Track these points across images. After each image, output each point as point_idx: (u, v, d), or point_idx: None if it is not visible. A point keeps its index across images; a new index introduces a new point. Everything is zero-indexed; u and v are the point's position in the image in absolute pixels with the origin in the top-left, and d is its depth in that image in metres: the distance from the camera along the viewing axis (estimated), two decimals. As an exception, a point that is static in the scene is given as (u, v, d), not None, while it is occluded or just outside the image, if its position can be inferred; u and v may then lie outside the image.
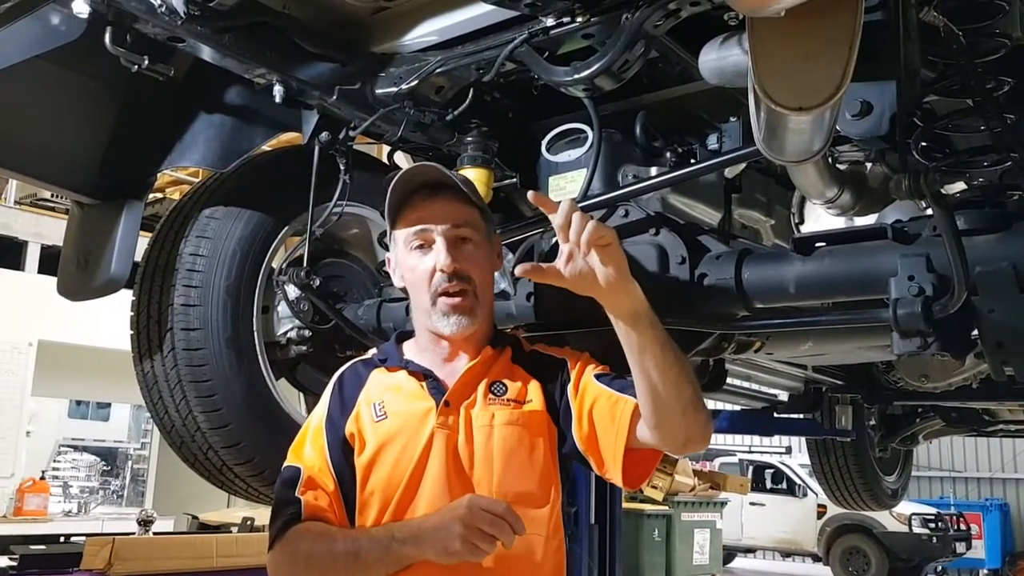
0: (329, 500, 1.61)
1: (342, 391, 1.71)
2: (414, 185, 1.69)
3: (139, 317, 2.34)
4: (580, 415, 1.64)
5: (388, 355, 1.75)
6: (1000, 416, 4.76)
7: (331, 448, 1.64)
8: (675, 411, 1.51)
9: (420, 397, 1.65)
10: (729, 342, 2.28)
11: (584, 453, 1.64)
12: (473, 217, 1.71)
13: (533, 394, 1.67)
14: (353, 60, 2.22)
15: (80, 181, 2.33)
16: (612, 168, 2.24)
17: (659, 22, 1.84)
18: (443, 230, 1.66)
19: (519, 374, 1.70)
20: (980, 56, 1.64)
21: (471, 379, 1.67)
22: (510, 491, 1.58)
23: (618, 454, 1.59)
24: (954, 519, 13.75)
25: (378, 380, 1.71)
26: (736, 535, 14.00)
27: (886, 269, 1.72)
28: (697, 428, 1.55)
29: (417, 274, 1.68)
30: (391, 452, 1.61)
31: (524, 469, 1.61)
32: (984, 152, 1.79)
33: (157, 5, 1.87)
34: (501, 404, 1.65)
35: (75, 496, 12.11)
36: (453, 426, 1.61)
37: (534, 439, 1.64)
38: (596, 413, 1.63)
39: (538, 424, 1.65)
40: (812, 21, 1.25)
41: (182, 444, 2.37)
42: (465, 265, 1.65)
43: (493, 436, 1.61)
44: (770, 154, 1.58)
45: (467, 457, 1.60)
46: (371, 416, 1.65)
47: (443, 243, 1.65)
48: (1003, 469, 16.92)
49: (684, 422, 1.53)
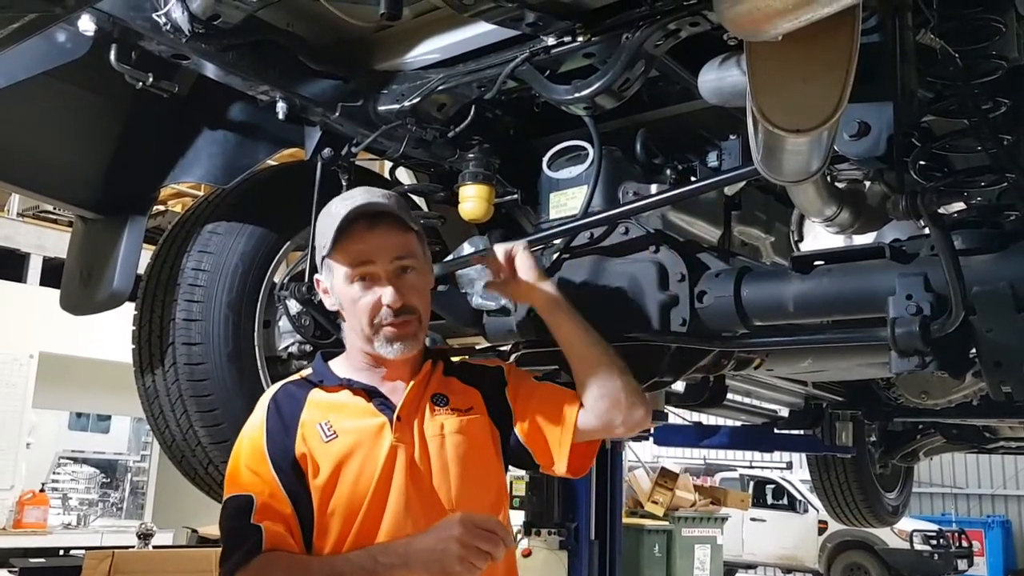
0: (287, 526, 1.55)
1: (280, 412, 1.65)
2: (353, 214, 1.66)
3: (141, 331, 2.35)
4: (523, 411, 1.73)
5: (322, 375, 1.72)
6: (1001, 433, 4.76)
7: (280, 471, 1.58)
8: (611, 382, 1.72)
9: (369, 414, 1.65)
10: (729, 359, 2.29)
11: (526, 445, 1.72)
12: (413, 244, 1.70)
13: (473, 401, 1.73)
14: (356, 77, 2.24)
15: (84, 196, 2.34)
16: (613, 185, 2.26)
17: (659, 42, 1.86)
18: (386, 264, 1.65)
19: (456, 385, 1.75)
20: (977, 77, 1.65)
21: (416, 393, 1.69)
22: (467, 497, 1.62)
23: (565, 442, 1.70)
24: (956, 536, 13.69)
25: (318, 400, 1.67)
26: (737, 551, 13.94)
27: (884, 288, 1.73)
28: (636, 396, 1.74)
29: (359, 306, 1.66)
30: (350, 471, 1.59)
31: (478, 475, 1.66)
32: (981, 172, 1.81)
33: (162, 23, 1.89)
34: (447, 413, 1.69)
35: (74, 508, 12.07)
36: (408, 439, 1.63)
37: (482, 444, 1.70)
38: (538, 407, 1.72)
39: (482, 429, 1.70)
40: (809, 44, 1.27)
41: (182, 458, 2.37)
42: (410, 297, 1.66)
43: (445, 444, 1.65)
44: (768, 174, 1.60)
45: (424, 468, 1.62)
46: (320, 436, 1.61)
47: (387, 280, 1.64)
48: (1005, 486, 16.87)
49: (622, 394, 1.72)
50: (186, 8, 1.88)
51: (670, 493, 9.75)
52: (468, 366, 1.84)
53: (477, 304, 2.17)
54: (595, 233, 2.20)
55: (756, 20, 1.19)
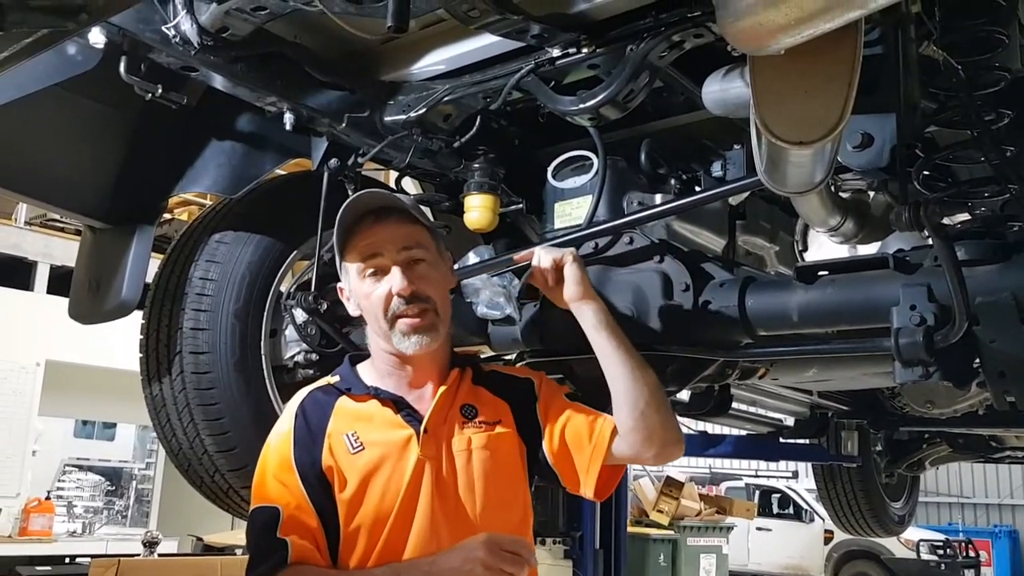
0: (314, 539, 1.55)
1: (307, 422, 1.63)
2: (360, 212, 1.67)
3: (148, 340, 2.36)
4: (553, 431, 1.68)
5: (350, 383, 1.70)
6: (1007, 442, 4.75)
7: (307, 483, 1.57)
8: (649, 409, 1.64)
9: (396, 425, 1.63)
10: (733, 368, 2.30)
11: (553, 467, 1.68)
12: (423, 237, 1.70)
13: (502, 415, 1.69)
14: (362, 88, 2.26)
15: (93, 206, 2.36)
16: (617, 195, 2.27)
17: (663, 53, 1.88)
18: (394, 254, 1.65)
19: (485, 396, 1.71)
20: (980, 89, 1.66)
21: (444, 404, 1.66)
22: (493, 516, 1.60)
23: (594, 469, 1.66)
24: (963, 546, 13.62)
25: (345, 409, 1.65)
26: (742, 560, 13.89)
27: (888, 298, 1.73)
28: (671, 428, 1.67)
29: (373, 300, 1.65)
30: (376, 484, 1.58)
31: (503, 492, 1.64)
32: (985, 183, 1.81)
33: (172, 36, 1.91)
34: (474, 427, 1.66)
35: (79, 516, 12.08)
36: (435, 453, 1.61)
37: (509, 461, 1.66)
38: (570, 429, 1.68)
39: (510, 445, 1.67)
40: (812, 58, 1.28)
41: (189, 466, 2.38)
42: (421, 286, 1.64)
43: (472, 460, 1.62)
44: (772, 185, 1.61)
45: (451, 484, 1.60)
46: (347, 448, 1.60)
47: (396, 267, 1.64)
48: (1012, 495, 16.80)
49: (661, 421, 1.64)
50: (195, 21, 1.89)
51: (675, 502, 9.74)
52: (498, 376, 1.79)
53: (482, 313, 2.18)
54: (600, 243, 2.21)
55: (759, 35, 1.20)
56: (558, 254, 1.77)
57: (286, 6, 1.83)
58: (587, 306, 1.74)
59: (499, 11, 1.79)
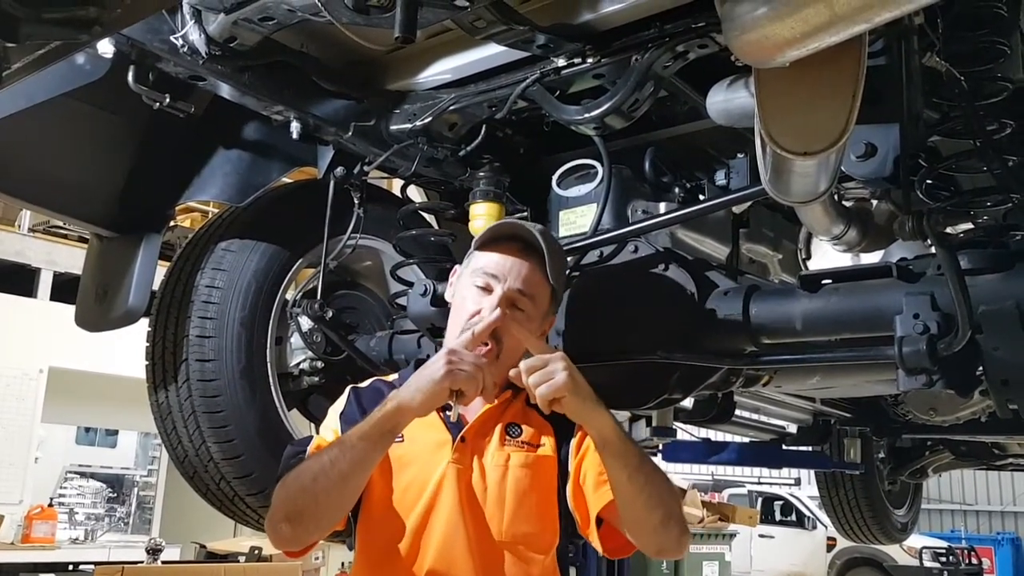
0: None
1: (360, 403, 1.70)
2: (516, 234, 1.72)
3: (154, 348, 2.37)
4: (576, 475, 1.65)
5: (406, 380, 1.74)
6: (1010, 450, 4.74)
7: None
8: (648, 526, 1.55)
9: (437, 428, 1.66)
10: (737, 376, 2.30)
11: (573, 511, 1.65)
12: (542, 292, 1.71)
13: (546, 439, 1.68)
14: (368, 97, 2.27)
15: (100, 214, 2.38)
16: (622, 203, 2.28)
17: (668, 63, 1.89)
18: (508, 287, 1.67)
19: (534, 419, 1.69)
20: (982, 99, 1.67)
21: (489, 418, 1.68)
22: (519, 532, 1.59)
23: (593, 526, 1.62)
24: (965, 553, 13.60)
25: None
26: (745, 567, 13.86)
27: (891, 307, 1.74)
28: (670, 542, 1.57)
29: (467, 302, 1.69)
30: (404, 478, 1.62)
31: (533, 512, 1.62)
32: (987, 192, 1.82)
33: (180, 45, 1.92)
34: (516, 446, 1.65)
35: (81, 523, 12.07)
36: (467, 463, 1.62)
37: (545, 483, 1.65)
38: (587, 481, 1.64)
39: (549, 469, 1.65)
40: (816, 69, 1.29)
41: (195, 474, 2.39)
42: (503, 328, 1.63)
43: (507, 477, 1.62)
44: (776, 195, 1.62)
45: (480, 494, 1.61)
46: None
47: (498, 298, 1.65)
48: (1015, 503, 16.78)
49: (656, 537, 1.56)
50: (203, 31, 1.91)
51: (678, 509, 9.70)
52: None
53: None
54: (605, 251, 2.22)
55: (765, 48, 1.22)
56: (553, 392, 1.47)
57: (293, 16, 1.84)
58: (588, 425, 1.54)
59: (505, 22, 1.81)
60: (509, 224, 1.76)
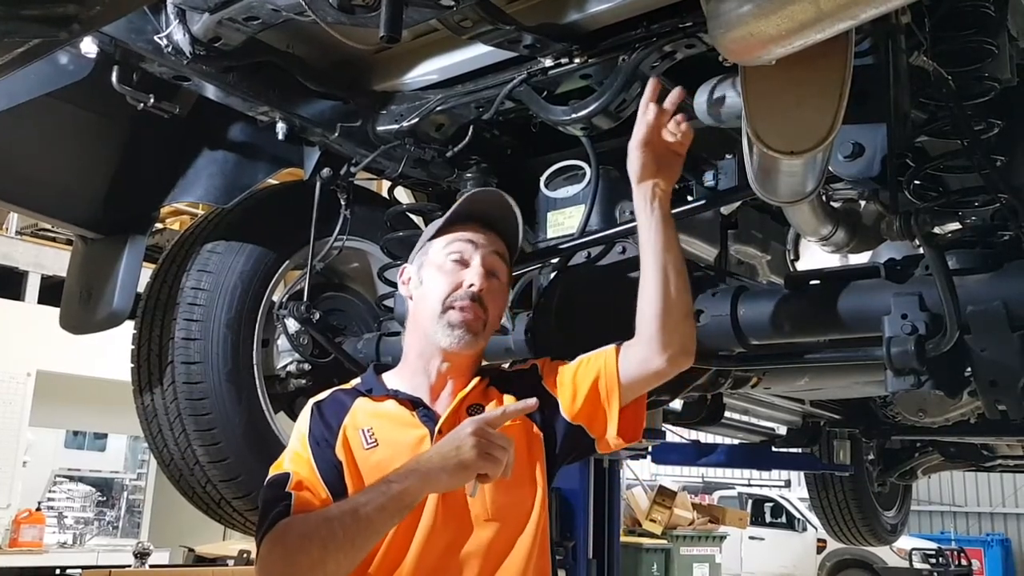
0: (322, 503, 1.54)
1: (323, 416, 1.66)
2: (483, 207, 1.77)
3: (140, 350, 2.36)
4: (564, 392, 1.70)
5: (371, 384, 1.73)
6: (999, 451, 4.76)
7: (320, 465, 1.58)
8: (678, 313, 1.64)
9: (411, 425, 1.65)
10: (726, 377, 2.30)
11: (577, 423, 1.69)
12: (506, 265, 1.78)
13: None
14: (355, 98, 2.26)
15: (84, 216, 2.36)
16: (610, 204, 2.27)
17: (655, 63, 1.88)
18: (485, 258, 1.71)
19: (493, 394, 1.72)
20: (970, 99, 1.67)
21: (461, 407, 1.68)
22: (502, 509, 1.59)
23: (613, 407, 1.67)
24: (955, 554, 13.65)
25: (364, 408, 1.68)
26: (735, 569, 13.87)
27: (879, 307, 1.74)
28: (690, 337, 1.68)
29: (444, 274, 1.70)
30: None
31: (511, 487, 1.61)
32: (975, 192, 1.82)
33: (164, 45, 1.90)
34: None
35: (70, 527, 12.01)
36: None
37: (518, 455, 1.62)
38: (578, 381, 1.69)
39: (519, 437, 1.64)
40: (803, 68, 1.29)
41: (181, 477, 2.37)
42: (488, 296, 1.69)
43: None
44: (764, 195, 1.61)
45: None
46: (361, 443, 1.62)
47: (480, 265, 1.70)
48: (1004, 504, 16.84)
49: (683, 327, 1.65)
50: (187, 30, 1.89)
51: (668, 511, 9.73)
52: (504, 374, 1.82)
53: None
54: (592, 252, 2.21)
55: (750, 46, 1.21)
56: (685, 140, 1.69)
57: (278, 16, 1.83)
58: (655, 181, 1.67)
59: (491, 22, 1.80)
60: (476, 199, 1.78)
